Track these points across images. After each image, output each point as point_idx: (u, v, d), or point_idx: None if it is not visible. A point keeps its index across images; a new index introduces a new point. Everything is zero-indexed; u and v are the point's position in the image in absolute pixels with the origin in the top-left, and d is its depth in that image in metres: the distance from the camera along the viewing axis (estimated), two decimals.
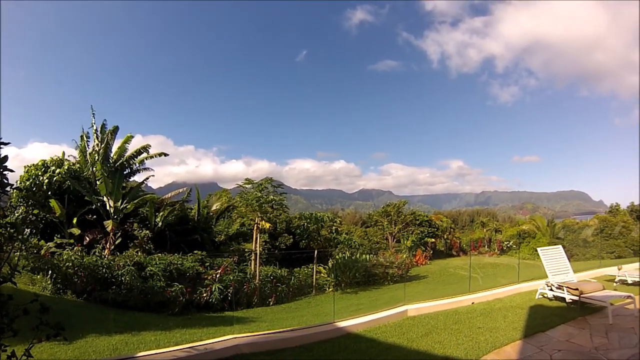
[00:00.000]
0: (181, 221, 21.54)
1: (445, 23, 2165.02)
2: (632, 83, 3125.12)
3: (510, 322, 7.21)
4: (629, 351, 5.43)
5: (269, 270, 16.31)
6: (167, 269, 12.65)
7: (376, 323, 7.46)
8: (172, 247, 18.45)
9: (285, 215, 27.30)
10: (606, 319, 7.00)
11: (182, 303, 11.69)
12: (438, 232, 37.66)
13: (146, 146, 20.74)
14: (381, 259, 20.18)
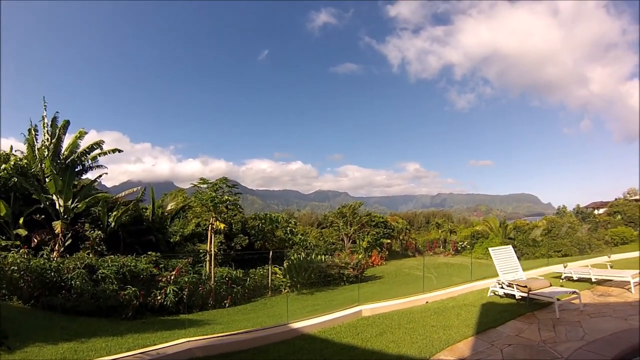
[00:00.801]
0: (135, 221, 21.04)
1: (408, 30, 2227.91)
2: (580, 96, 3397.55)
3: (463, 320, 7.44)
4: (575, 344, 5.73)
5: (224, 272, 16.29)
6: (119, 271, 12.34)
7: (331, 324, 7.51)
8: (126, 249, 18.08)
9: (241, 215, 27.47)
10: (553, 314, 7.37)
11: (135, 307, 11.46)
12: (394, 233, 38.55)
13: (99, 142, 19.96)
14: (336, 259, 20.40)
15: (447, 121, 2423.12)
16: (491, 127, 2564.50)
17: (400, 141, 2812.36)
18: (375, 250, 31.71)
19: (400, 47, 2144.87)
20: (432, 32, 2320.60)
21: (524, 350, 5.69)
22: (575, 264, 13.29)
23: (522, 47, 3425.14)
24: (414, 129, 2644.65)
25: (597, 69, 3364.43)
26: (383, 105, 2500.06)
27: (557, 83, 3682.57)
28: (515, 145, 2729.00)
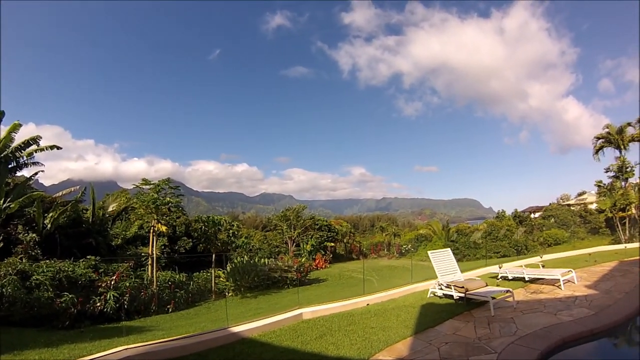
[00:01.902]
0: (74, 223, 20.04)
1: (360, 37, 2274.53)
2: (520, 109, 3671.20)
3: (403, 321, 7.64)
4: (508, 339, 6.08)
5: (167, 276, 16.02)
6: (56, 277, 11.80)
7: (272, 327, 7.51)
8: (63, 253, 17.08)
9: (185, 217, 27.17)
10: (489, 312, 7.79)
11: (73, 315, 10.96)
12: (338, 237, 39.04)
13: (36, 137, 18.62)
14: (280, 262, 20.44)
15: (394, 127, 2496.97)
16: (437, 134, 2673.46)
17: (346, 146, 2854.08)
18: (320, 253, 31.98)
19: (352, 53, 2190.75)
20: (384, 41, 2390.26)
21: (460, 348, 5.94)
22: (511, 264, 14.17)
23: (469, 61, 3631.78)
24: (361, 134, 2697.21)
25: (536, 85, 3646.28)
26: (331, 110, 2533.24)
27: (500, 96, 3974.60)
28: (459, 152, 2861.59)
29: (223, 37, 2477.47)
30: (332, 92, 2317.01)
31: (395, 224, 76.70)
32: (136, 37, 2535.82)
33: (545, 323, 6.78)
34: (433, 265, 10.33)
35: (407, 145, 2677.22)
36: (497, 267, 12.88)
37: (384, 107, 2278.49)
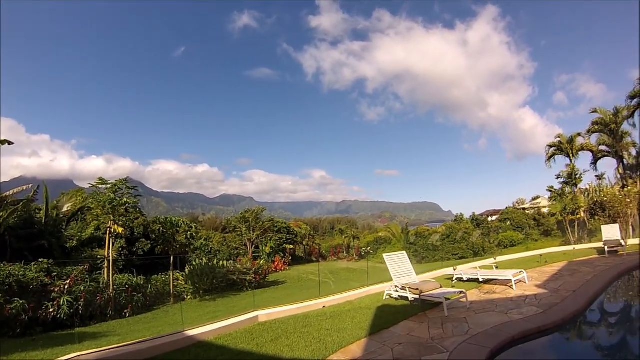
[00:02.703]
0: (25, 224, 19.23)
1: (326, 41, 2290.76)
2: (480, 117, 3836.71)
3: (358, 323, 7.74)
4: (460, 338, 6.28)
5: (124, 279, 15.53)
6: (5, 281, 11.17)
7: (228, 330, 7.53)
8: (14, 255, 16.44)
9: (143, 219, 26.62)
10: (443, 313, 8.01)
11: (24, 322, 10.43)
12: (297, 239, 39.18)
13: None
14: (238, 265, 20.33)
15: (356, 131, 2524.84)
16: (398, 139, 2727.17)
17: (308, 148, 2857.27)
18: (279, 255, 32.02)
19: (317, 57, 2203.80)
20: (349, 46, 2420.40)
21: (413, 348, 6.08)
22: (466, 266, 14.68)
23: (432, 69, 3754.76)
24: (323, 137, 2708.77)
25: (495, 95, 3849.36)
26: (294, 113, 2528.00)
27: (461, 104, 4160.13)
28: (420, 157, 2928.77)
29: (189, 35, 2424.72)
30: (295, 95, 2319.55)
31: (355, 226, 77.60)
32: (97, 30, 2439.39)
33: (496, 322, 7.04)
34: (388, 267, 10.52)
35: (368, 149, 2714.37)
36: (452, 269, 13.30)
37: (347, 111, 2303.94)
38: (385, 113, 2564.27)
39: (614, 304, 10.19)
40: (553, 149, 32.52)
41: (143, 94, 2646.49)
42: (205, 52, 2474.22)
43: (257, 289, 18.50)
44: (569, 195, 30.77)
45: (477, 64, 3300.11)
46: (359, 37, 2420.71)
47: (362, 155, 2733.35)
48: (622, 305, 10.12)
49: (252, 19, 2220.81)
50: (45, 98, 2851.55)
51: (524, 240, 37.78)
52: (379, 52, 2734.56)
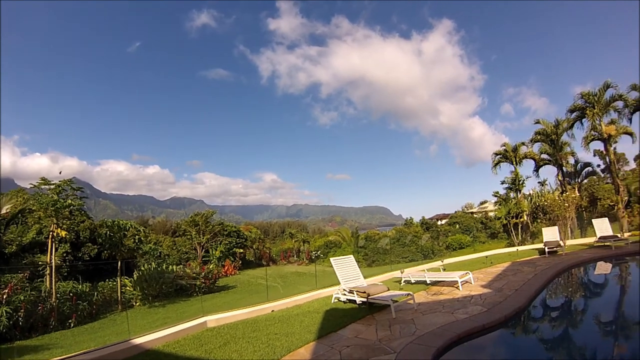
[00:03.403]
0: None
1: (283, 45, 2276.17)
2: (431, 125, 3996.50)
3: (306, 326, 7.78)
4: (408, 339, 6.42)
5: (68, 286, 14.80)
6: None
7: (176, 336, 7.48)
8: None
9: (90, 222, 25.37)
10: (390, 315, 8.17)
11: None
12: (247, 243, 38.94)
13: None
14: (188, 269, 19.89)
15: (309, 135, 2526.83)
16: (351, 144, 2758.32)
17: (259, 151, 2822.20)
18: (229, 260, 31.64)
19: (273, 60, 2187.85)
20: (306, 51, 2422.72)
21: (361, 350, 6.15)
22: (414, 268, 15.14)
23: (387, 77, 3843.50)
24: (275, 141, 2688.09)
25: (447, 104, 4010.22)
26: (246, 115, 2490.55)
27: (413, 112, 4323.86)
28: (371, 162, 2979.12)
29: (145, 30, 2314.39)
30: (249, 97, 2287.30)
31: (305, 230, 77.91)
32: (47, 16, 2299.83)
33: (442, 322, 7.25)
34: (336, 271, 10.68)
35: (320, 153, 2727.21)
36: (399, 272, 13.63)
37: (300, 115, 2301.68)
38: (338, 118, 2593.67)
39: (554, 300, 10.78)
40: (499, 157, 34.17)
41: (93, 88, 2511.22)
42: (161, 49, 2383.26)
43: (206, 293, 18.21)
44: (513, 200, 32.58)
45: (431, 73, 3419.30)
46: (316, 42, 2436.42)
47: (313, 159, 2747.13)
48: (562, 301, 10.75)
49: (211, 18, 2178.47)
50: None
51: (472, 243, 39.20)
52: (335, 58, 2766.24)
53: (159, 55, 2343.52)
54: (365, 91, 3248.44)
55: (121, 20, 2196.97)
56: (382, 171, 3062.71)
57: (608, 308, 9.79)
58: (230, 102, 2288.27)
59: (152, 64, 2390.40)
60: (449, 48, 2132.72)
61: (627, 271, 13.86)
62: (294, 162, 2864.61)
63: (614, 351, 6.53)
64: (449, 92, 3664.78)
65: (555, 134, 30.39)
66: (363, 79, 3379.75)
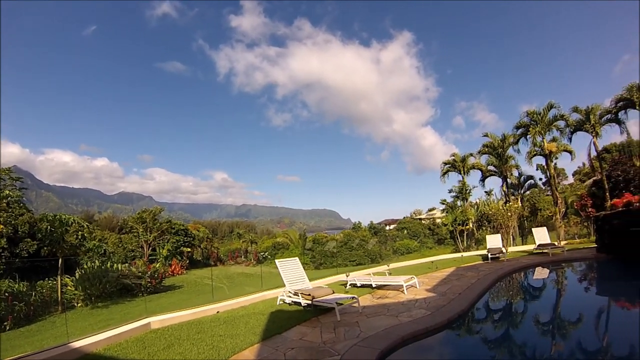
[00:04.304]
0: None
1: (243, 43, 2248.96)
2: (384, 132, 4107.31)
3: (251, 328, 7.75)
4: (352, 341, 6.51)
5: (3, 285, 13.88)
6: None
7: (118, 339, 7.27)
8: None
9: (29, 215, 24.46)
10: (335, 317, 8.26)
11: None
12: (195, 242, 38.41)
13: None
14: (133, 268, 19.27)
15: (261, 136, 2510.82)
16: (302, 146, 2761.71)
17: (211, 149, 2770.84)
18: (176, 259, 31.04)
19: (232, 57, 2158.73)
20: (265, 50, 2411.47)
21: (305, 352, 6.19)
22: (360, 272, 15.38)
23: (343, 82, 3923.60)
24: (227, 139, 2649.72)
25: (401, 113, 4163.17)
26: (201, 111, 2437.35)
27: (367, 118, 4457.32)
28: (323, 165, 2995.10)
29: (102, 13, 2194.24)
30: (204, 94, 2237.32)
31: (254, 231, 77.61)
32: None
33: (387, 325, 7.41)
34: (281, 273, 10.75)
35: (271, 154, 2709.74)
36: (345, 275, 13.86)
37: (254, 114, 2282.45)
38: (291, 120, 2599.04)
39: (496, 303, 11.25)
40: (447, 166, 35.68)
41: (40, 70, 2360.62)
42: (118, 35, 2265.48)
43: (152, 293, 17.81)
44: (459, 208, 34.15)
45: (387, 82, 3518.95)
46: (276, 43, 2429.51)
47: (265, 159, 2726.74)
48: (503, 304, 11.28)
49: (172, 9, 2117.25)
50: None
51: (419, 248, 40.44)
52: (293, 60, 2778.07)
53: (115, 42, 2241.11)
54: (320, 95, 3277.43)
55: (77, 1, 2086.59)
56: (332, 175, 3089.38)
57: (546, 310, 10.39)
58: (185, 97, 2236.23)
59: (107, 50, 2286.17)
60: (406, 59, 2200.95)
61: (563, 276, 14.78)
62: (245, 161, 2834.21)
63: (551, 349, 6.95)
64: (404, 101, 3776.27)
65: (501, 148, 32.24)
66: (319, 83, 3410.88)
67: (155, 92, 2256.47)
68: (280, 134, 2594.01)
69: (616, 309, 10.02)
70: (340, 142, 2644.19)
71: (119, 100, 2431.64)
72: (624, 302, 10.47)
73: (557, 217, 28.22)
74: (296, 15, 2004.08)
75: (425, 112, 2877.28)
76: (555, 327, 8.47)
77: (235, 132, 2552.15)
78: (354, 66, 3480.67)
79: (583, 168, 51.31)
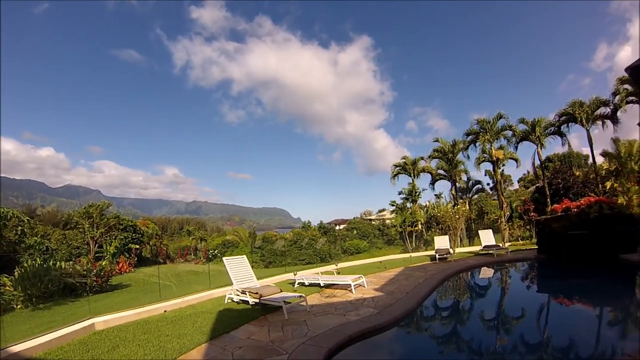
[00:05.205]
0: None
1: (201, 36, 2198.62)
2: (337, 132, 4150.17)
3: (199, 327, 7.71)
4: (300, 340, 6.61)
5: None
6: None
7: (60, 342, 6.98)
8: None
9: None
10: (283, 316, 8.36)
11: None
12: (144, 239, 37.43)
13: None
14: (78, 266, 18.39)
15: (214, 131, 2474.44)
16: (255, 144, 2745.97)
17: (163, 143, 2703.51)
18: (124, 256, 30.06)
19: (189, 50, 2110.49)
20: (223, 45, 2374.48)
21: (253, 351, 6.23)
22: (309, 271, 15.60)
23: (299, 81, 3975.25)
24: (179, 133, 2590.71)
25: (354, 115, 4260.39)
26: (154, 103, 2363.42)
27: (321, 118, 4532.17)
28: (274, 163, 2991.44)
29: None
30: (158, 85, 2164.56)
31: (204, 228, 76.46)
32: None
33: (334, 323, 7.55)
34: (228, 271, 10.75)
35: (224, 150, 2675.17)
36: (292, 274, 13.99)
37: (208, 110, 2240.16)
38: (245, 117, 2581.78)
39: (443, 301, 11.73)
40: (398, 168, 36.58)
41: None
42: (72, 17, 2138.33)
43: (98, 293, 17.12)
44: (409, 210, 35.03)
45: (343, 84, 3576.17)
46: (235, 38, 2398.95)
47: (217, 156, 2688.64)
48: (451, 302, 11.81)
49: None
50: None
51: (369, 248, 41.11)
52: (251, 56, 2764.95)
53: (67, 23, 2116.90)
54: (276, 93, 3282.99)
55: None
56: (284, 174, 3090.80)
57: (491, 307, 10.98)
58: (139, 87, 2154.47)
59: (59, 32, 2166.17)
60: (364, 63, 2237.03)
61: (507, 275, 15.61)
62: (197, 157, 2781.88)
63: (496, 344, 7.38)
64: (359, 103, 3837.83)
65: (452, 153, 33.61)
66: (275, 81, 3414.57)
67: (108, 79, 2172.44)
68: (233, 131, 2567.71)
69: (555, 305, 10.79)
70: (293, 141, 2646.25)
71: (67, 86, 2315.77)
72: (562, 299, 11.30)
73: (502, 220, 29.70)
74: (258, 12, 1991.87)
75: (379, 115, 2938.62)
76: (500, 322, 8.97)
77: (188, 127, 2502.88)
78: (311, 66, 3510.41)
79: (527, 175, 54.23)
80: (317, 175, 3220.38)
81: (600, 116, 27.37)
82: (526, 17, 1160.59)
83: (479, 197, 42.88)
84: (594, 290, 11.90)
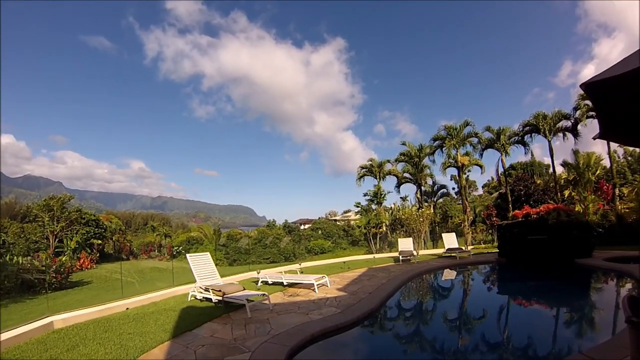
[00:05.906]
0: None
1: (175, 27, 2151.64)
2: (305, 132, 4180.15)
3: (161, 325, 7.71)
4: (262, 338, 6.72)
5: None
6: None
7: (15, 341, 6.82)
8: None
9: None
10: (246, 314, 8.45)
11: None
12: (107, 234, 36.50)
13: None
14: (37, 262, 17.84)
15: (182, 126, 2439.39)
16: (223, 141, 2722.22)
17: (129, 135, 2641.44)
18: (85, 251, 29.20)
19: (162, 41, 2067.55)
20: (197, 39, 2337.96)
21: (216, 349, 6.29)
22: (272, 270, 15.80)
23: (271, 80, 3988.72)
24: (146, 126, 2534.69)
25: (323, 116, 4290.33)
26: (122, 94, 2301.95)
27: (289, 118, 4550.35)
28: (240, 161, 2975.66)
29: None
30: (127, 76, 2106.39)
31: (169, 224, 75.21)
32: None
33: (297, 322, 7.68)
34: (191, 268, 10.78)
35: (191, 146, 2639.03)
36: (256, 272, 14.10)
37: (177, 104, 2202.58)
38: (214, 113, 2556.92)
39: (406, 302, 11.97)
40: (364, 170, 37.07)
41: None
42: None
43: (58, 290, 16.61)
44: (373, 212, 35.56)
45: (314, 84, 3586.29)
46: (209, 32, 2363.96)
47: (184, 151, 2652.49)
48: (413, 303, 12.07)
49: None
50: None
51: (334, 249, 41.35)
52: (224, 52, 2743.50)
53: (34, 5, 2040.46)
54: (246, 90, 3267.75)
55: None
56: (251, 172, 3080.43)
57: (453, 308, 11.36)
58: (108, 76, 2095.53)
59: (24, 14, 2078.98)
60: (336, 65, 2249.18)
61: (469, 277, 16.12)
62: (163, 151, 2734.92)
63: (458, 343, 7.65)
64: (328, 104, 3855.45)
65: (418, 157, 34.36)
66: (247, 78, 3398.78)
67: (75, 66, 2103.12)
68: (202, 127, 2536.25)
69: (515, 306, 11.25)
70: (261, 139, 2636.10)
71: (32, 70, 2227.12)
72: (521, 300, 11.79)
73: (466, 224, 30.56)
74: (234, 8, 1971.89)
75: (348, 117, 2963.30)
76: (462, 323, 9.29)
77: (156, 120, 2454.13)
78: (283, 65, 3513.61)
79: (492, 182, 56.00)
80: (284, 175, 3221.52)
81: (562, 129, 28.58)
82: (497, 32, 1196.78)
83: (443, 201, 43.82)
84: (552, 292, 12.46)
